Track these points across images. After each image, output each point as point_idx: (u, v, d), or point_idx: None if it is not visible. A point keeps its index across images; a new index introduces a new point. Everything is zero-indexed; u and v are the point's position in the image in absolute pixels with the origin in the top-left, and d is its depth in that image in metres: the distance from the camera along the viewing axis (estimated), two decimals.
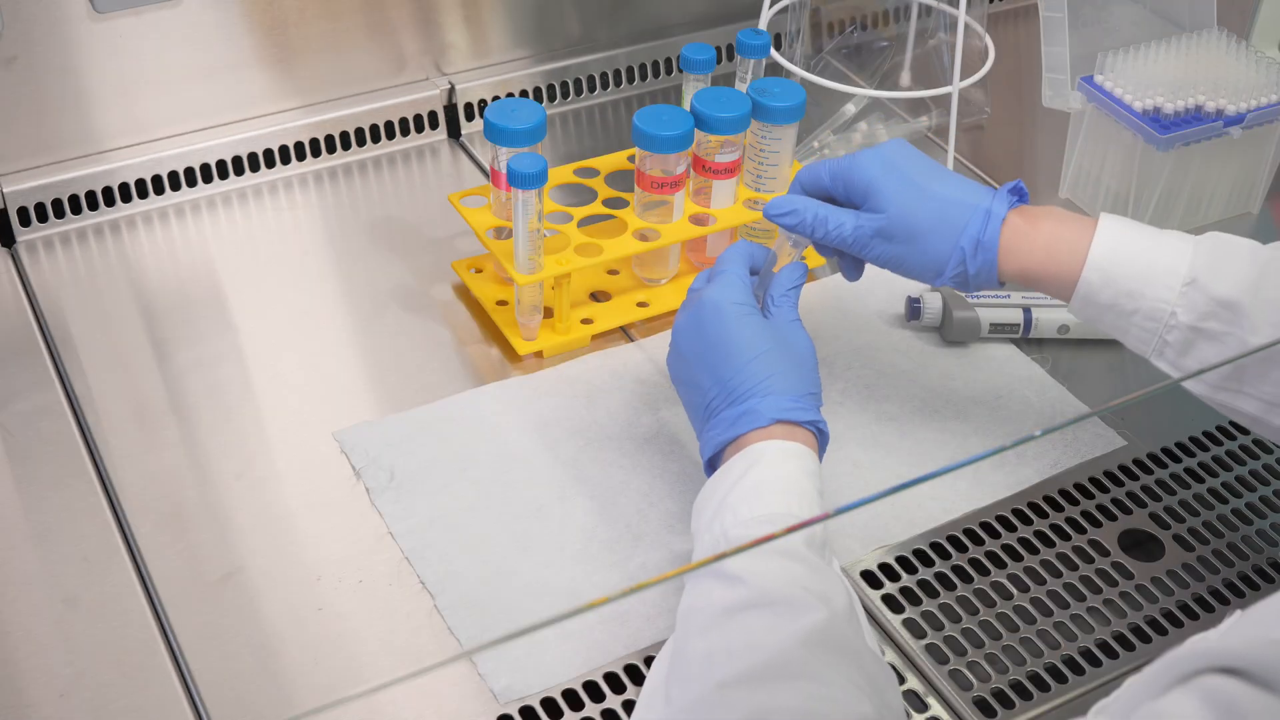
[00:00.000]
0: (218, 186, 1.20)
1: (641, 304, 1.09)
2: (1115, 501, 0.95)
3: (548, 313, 1.06)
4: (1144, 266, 0.87)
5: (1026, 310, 1.06)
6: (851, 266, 0.95)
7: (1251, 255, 0.86)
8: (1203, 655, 0.58)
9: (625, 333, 1.08)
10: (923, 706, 0.83)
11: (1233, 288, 0.85)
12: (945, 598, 0.89)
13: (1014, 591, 0.89)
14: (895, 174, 0.90)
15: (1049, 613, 0.88)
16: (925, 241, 0.90)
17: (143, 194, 1.17)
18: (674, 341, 0.90)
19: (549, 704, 0.82)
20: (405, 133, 1.26)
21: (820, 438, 0.85)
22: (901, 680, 0.84)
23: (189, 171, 1.18)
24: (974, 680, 0.84)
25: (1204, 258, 0.86)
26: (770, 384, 0.84)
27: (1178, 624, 0.88)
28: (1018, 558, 0.91)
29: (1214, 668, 0.57)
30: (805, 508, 0.79)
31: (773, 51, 1.21)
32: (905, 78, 1.35)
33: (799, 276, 0.91)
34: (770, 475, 0.80)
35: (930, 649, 0.86)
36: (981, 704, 0.83)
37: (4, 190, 1.12)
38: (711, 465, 0.85)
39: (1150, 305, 0.87)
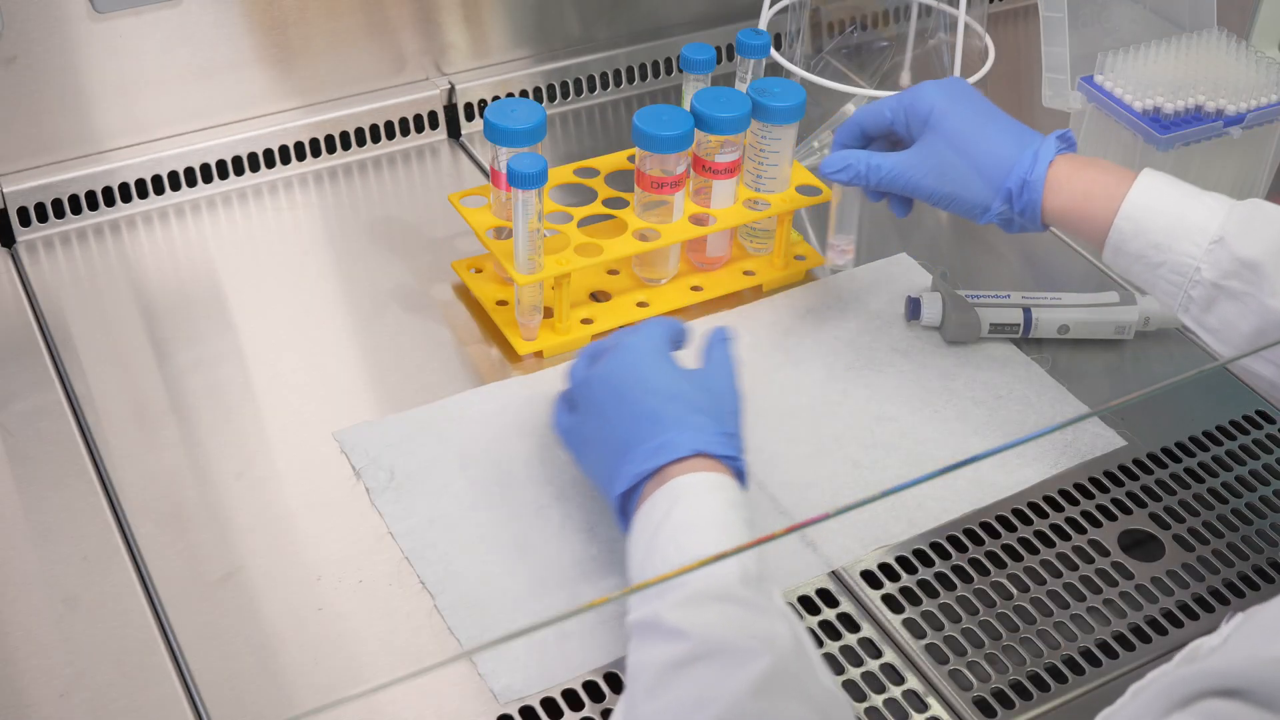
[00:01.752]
0: (218, 186, 1.20)
1: (641, 304, 1.09)
2: (1115, 501, 0.95)
3: (548, 313, 1.06)
4: (1175, 220, 0.89)
5: (1026, 310, 1.06)
6: (900, 204, 1.00)
7: None
8: (1203, 676, 0.58)
9: None
10: (923, 706, 0.83)
11: (1257, 249, 0.86)
12: (945, 598, 0.89)
13: (1014, 591, 0.89)
14: (954, 110, 0.97)
15: (1049, 613, 0.88)
16: (975, 178, 0.95)
17: (143, 194, 1.17)
18: (586, 391, 0.87)
19: (549, 704, 0.82)
20: (405, 133, 1.26)
21: (740, 478, 0.83)
22: (901, 680, 0.84)
23: (189, 171, 1.18)
24: (974, 680, 0.84)
25: (1236, 219, 0.88)
26: (689, 419, 0.82)
27: (1178, 624, 0.88)
28: (1018, 558, 0.91)
29: (1215, 690, 0.57)
30: (735, 543, 0.77)
31: (773, 51, 1.21)
32: (905, 78, 1.35)
33: (723, 334, 0.90)
34: (694, 514, 0.78)
35: (930, 649, 0.86)
36: (981, 704, 0.83)
37: (4, 190, 1.12)
38: (624, 506, 0.82)
39: (1176, 259, 0.89)
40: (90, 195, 1.15)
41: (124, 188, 1.16)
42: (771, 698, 0.69)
